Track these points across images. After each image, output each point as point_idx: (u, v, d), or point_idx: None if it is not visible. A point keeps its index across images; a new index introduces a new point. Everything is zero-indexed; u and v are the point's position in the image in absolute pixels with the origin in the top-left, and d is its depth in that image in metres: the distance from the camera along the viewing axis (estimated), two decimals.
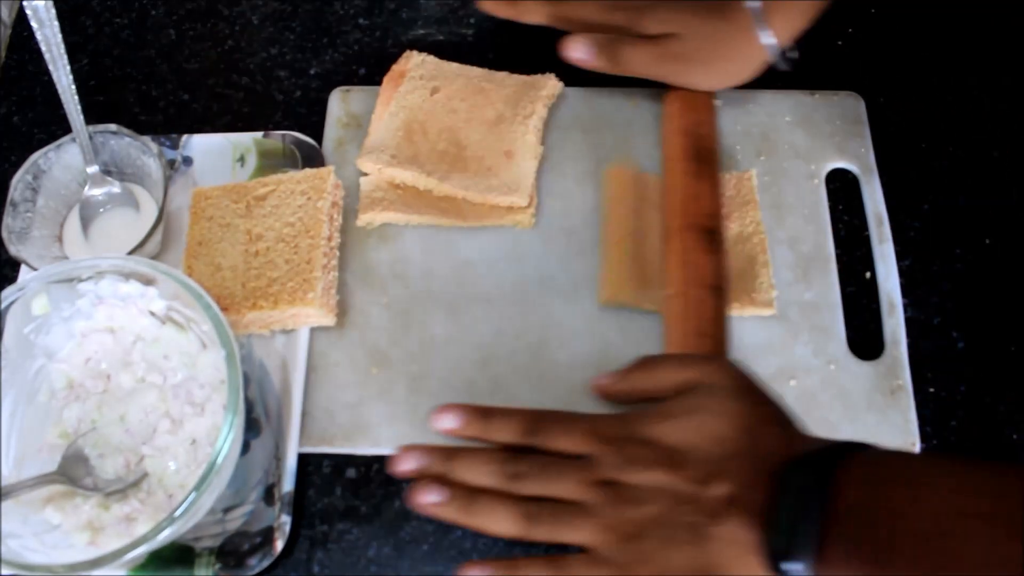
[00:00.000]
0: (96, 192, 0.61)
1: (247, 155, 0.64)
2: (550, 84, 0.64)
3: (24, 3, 0.58)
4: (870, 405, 0.55)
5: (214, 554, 0.52)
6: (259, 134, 0.64)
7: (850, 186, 0.62)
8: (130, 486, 0.52)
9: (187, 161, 0.64)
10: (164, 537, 0.47)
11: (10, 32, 0.72)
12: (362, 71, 0.69)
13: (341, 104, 0.66)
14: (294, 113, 0.67)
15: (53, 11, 0.57)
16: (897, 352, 0.56)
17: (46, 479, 0.51)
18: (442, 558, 0.53)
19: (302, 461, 0.55)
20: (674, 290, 0.56)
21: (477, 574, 0.46)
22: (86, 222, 0.61)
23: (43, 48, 0.57)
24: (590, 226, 0.61)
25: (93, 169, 0.61)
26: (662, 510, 0.44)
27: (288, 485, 0.53)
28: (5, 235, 0.57)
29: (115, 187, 0.61)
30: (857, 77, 0.65)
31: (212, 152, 0.64)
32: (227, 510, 0.53)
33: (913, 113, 0.65)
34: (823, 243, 0.60)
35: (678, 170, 0.60)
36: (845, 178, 0.62)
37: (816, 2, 0.58)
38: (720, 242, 0.57)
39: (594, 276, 0.59)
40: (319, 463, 0.56)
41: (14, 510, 0.50)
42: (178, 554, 0.52)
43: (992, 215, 0.61)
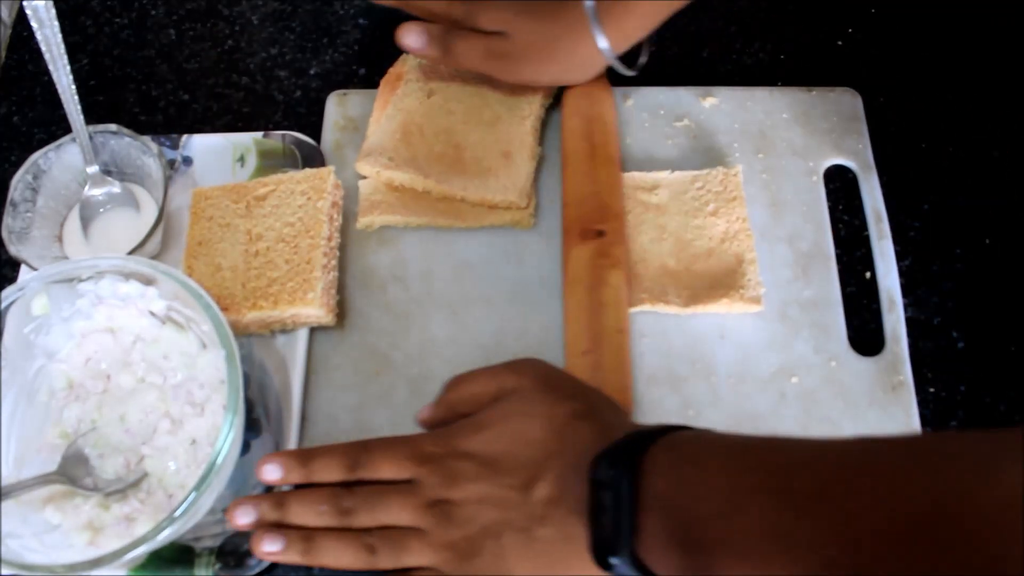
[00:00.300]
0: (96, 192, 0.61)
1: (247, 155, 0.64)
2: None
3: (24, 3, 0.58)
4: (872, 401, 0.55)
5: (214, 554, 0.52)
6: (259, 134, 0.64)
7: (849, 186, 0.62)
8: (130, 486, 0.52)
9: (187, 161, 0.64)
10: (164, 537, 0.47)
11: (10, 32, 0.72)
12: (362, 71, 0.69)
13: (338, 107, 0.66)
14: (294, 113, 0.67)
15: (53, 11, 0.57)
16: (898, 348, 0.56)
17: (46, 479, 0.51)
18: None
19: None
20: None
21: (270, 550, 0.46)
22: (86, 222, 0.61)
23: (43, 48, 0.57)
24: None
25: (93, 169, 0.61)
26: (491, 520, 0.44)
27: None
28: (5, 235, 0.57)
29: (115, 187, 0.61)
30: (857, 77, 0.65)
31: (212, 152, 0.64)
32: (227, 510, 0.53)
33: (913, 113, 0.65)
34: (822, 240, 0.60)
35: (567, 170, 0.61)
36: (844, 178, 0.62)
37: (657, 8, 0.58)
38: (608, 242, 0.57)
39: None
40: None
41: (14, 510, 0.50)
42: (178, 554, 0.52)
43: (992, 215, 0.61)
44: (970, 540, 0.30)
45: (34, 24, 0.57)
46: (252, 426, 0.55)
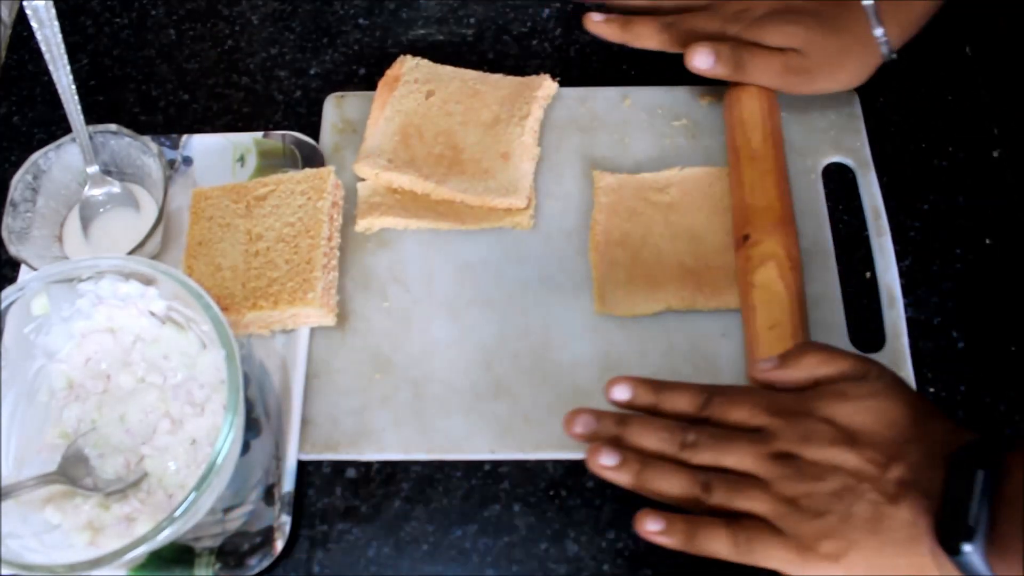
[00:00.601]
0: (96, 192, 0.61)
1: (247, 155, 0.64)
2: (545, 85, 0.64)
3: (24, 3, 0.58)
4: None
5: (214, 554, 0.52)
6: (259, 134, 0.64)
7: (848, 186, 0.62)
8: (130, 486, 0.52)
9: (187, 161, 0.64)
10: (164, 537, 0.47)
11: (10, 32, 0.72)
12: (362, 71, 0.69)
13: (336, 110, 0.66)
14: (294, 113, 0.67)
15: (53, 11, 0.57)
16: (898, 344, 0.56)
17: (46, 479, 0.51)
18: (442, 558, 0.53)
19: (302, 461, 0.55)
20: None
21: (653, 526, 0.46)
22: (86, 222, 0.61)
23: (43, 48, 0.57)
24: (589, 226, 0.61)
25: (93, 169, 0.61)
26: (843, 486, 0.44)
27: (288, 485, 0.53)
28: (5, 235, 0.57)
29: (115, 187, 0.61)
30: None
31: (212, 152, 0.64)
32: (227, 510, 0.53)
33: (913, 113, 0.65)
34: (822, 237, 0.60)
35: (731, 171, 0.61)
36: (844, 178, 0.62)
37: (930, 5, 0.59)
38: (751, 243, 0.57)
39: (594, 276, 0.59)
40: (319, 463, 0.56)
41: (14, 510, 0.50)
42: (178, 554, 0.52)
43: (992, 215, 0.61)
44: None
45: (34, 24, 0.57)
46: (252, 426, 0.55)
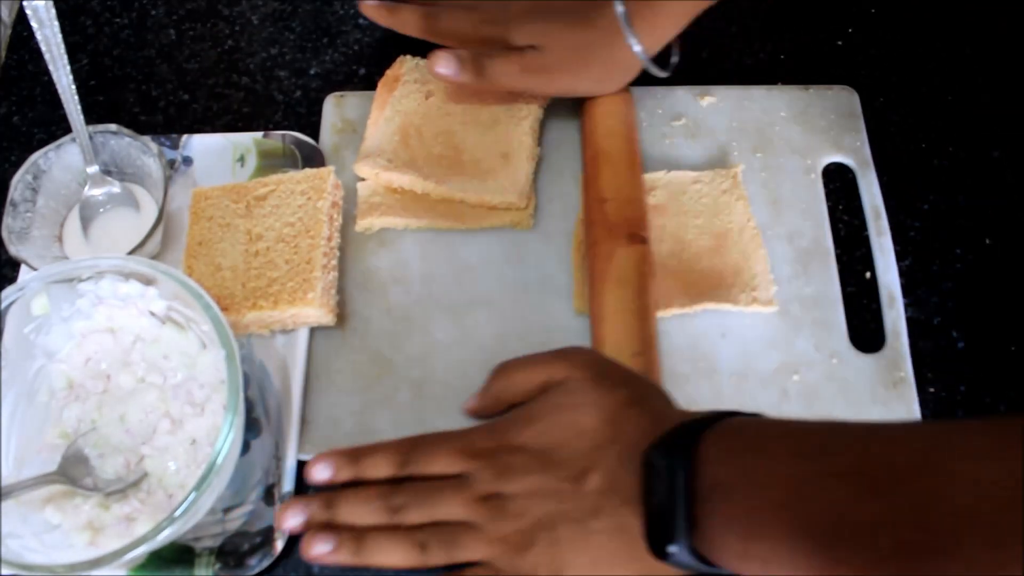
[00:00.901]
0: (96, 192, 0.61)
1: (247, 155, 0.64)
2: None
3: (24, 3, 0.58)
4: (873, 398, 0.55)
5: (214, 554, 0.52)
6: (259, 134, 0.64)
7: (848, 186, 0.62)
8: (130, 486, 0.52)
9: (187, 161, 0.64)
10: (164, 537, 0.47)
11: (10, 32, 0.72)
12: (362, 71, 0.69)
13: (336, 110, 0.66)
14: (294, 113, 0.67)
15: (53, 11, 0.57)
16: (898, 344, 0.56)
17: (46, 479, 0.51)
18: None
19: (302, 461, 0.55)
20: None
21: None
22: (86, 222, 0.61)
23: (43, 48, 0.57)
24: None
25: (93, 169, 0.61)
26: (544, 512, 0.44)
27: (288, 485, 0.53)
28: (5, 235, 0.57)
29: (115, 187, 0.61)
30: (857, 77, 0.65)
31: (212, 152, 0.64)
32: (227, 510, 0.53)
33: (913, 112, 0.65)
34: (822, 237, 0.60)
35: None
36: (844, 178, 0.62)
37: (687, 7, 0.58)
38: (648, 250, 0.57)
39: None
40: None
41: (14, 510, 0.50)
42: (178, 554, 0.52)
43: (992, 215, 0.61)
44: None
45: (34, 24, 0.57)
46: (252, 426, 0.55)
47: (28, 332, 0.54)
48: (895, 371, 0.56)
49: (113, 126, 0.61)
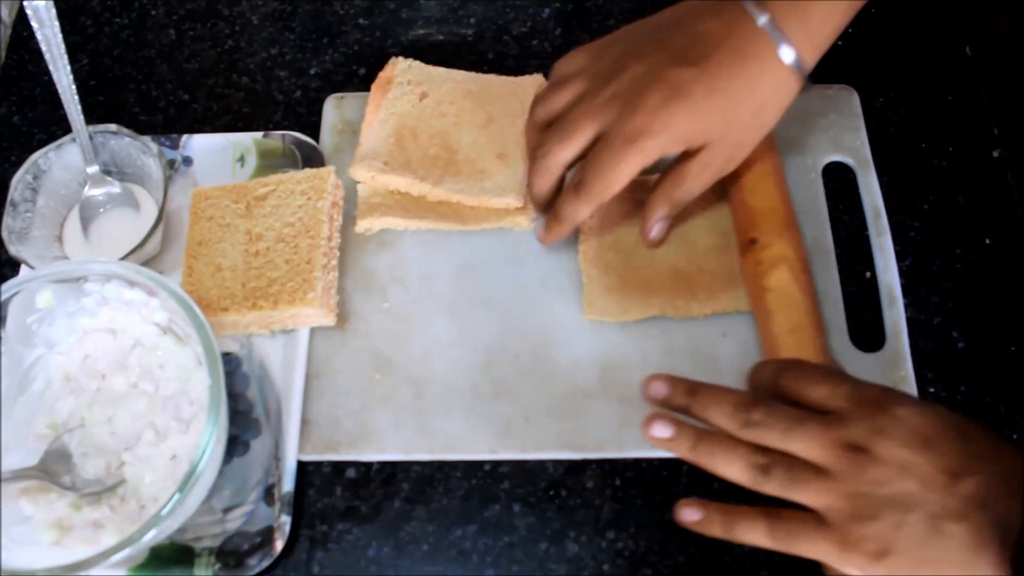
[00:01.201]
0: (96, 192, 0.61)
1: (247, 155, 0.64)
2: (538, 84, 0.64)
3: (24, 3, 0.58)
4: None
5: (214, 554, 0.52)
6: (259, 134, 0.64)
7: (848, 186, 0.62)
8: (106, 490, 0.52)
9: (187, 161, 0.64)
10: (124, 556, 0.47)
11: (10, 32, 0.72)
12: (362, 71, 0.69)
13: (336, 111, 0.66)
14: (294, 113, 0.67)
15: (53, 11, 0.57)
16: (898, 344, 0.56)
17: (25, 473, 0.51)
18: (442, 558, 0.53)
19: (302, 461, 0.55)
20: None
21: (691, 516, 0.45)
22: (86, 222, 0.61)
23: (43, 48, 0.57)
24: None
25: (93, 169, 0.61)
26: (906, 491, 0.41)
27: (288, 485, 0.53)
28: (5, 235, 0.57)
29: (115, 187, 0.61)
30: (857, 77, 0.65)
31: (212, 152, 0.64)
32: (227, 510, 0.53)
33: (913, 112, 0.65)
34: (822, 237, 0.60)
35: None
36: (844, 178, 0.62)
37: (845, 5, 0.52)
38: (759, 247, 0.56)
39: None
40: (319, 464, 0.56)
41: None
42: (178, 554, 0.52)
43: (992, 215, 0.61)
44: None
45: (34, 24, 0.57)
46: (252, 426, 0.55)
47: (31, 322, 0.54)
48: (895, 371, 0.56)
49: (113, 126, 0.61)
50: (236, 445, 0.55)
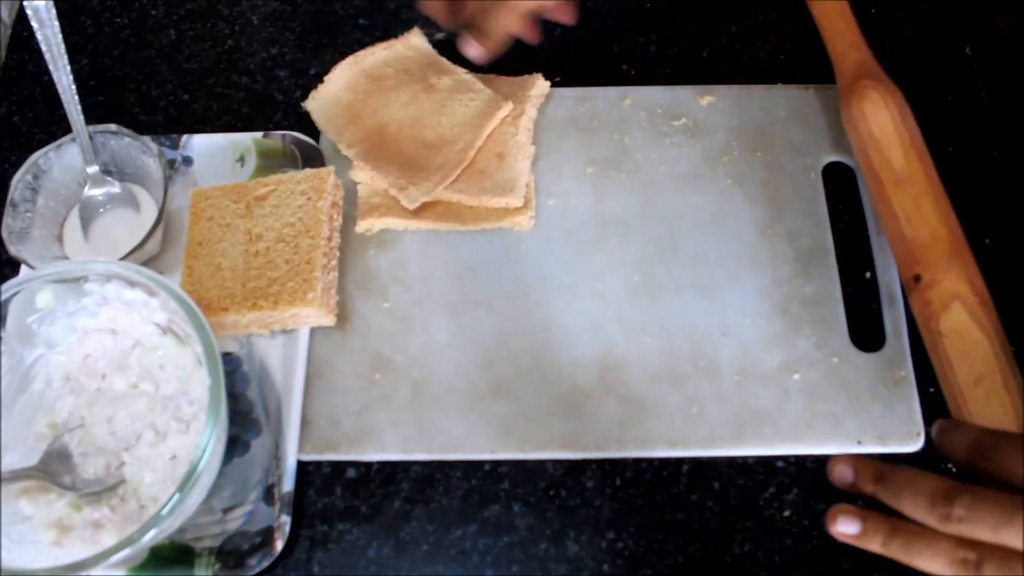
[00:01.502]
0: (96, 192, 0.61)
1: (247, 155, 0.64)
2: (538, 84, 0.64)
3: (24, 3, 0.58)
4: (874, 397, 0.55)
5: (214, 554, 0.52)
6: (259, 134, 0.64)
7: (849, 186, 0.62)
8: (106, 489, 0.52)
9: (187, 161, 0.64)
10: (124, 555, 0.47)
11: (10, 32, 0.72)
12: None
13: None
14: (294, 113, 0.67)
15: (53, 11, 0.57)
16: (899, 343, 0.56)
17: (24, 474, 0.51)
18: (442, 558, 0.53)
19: (302, 461, 0.55)
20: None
21: (848, 528, 0.41)
22: (86, 222, 0.61)
23: (43, 48, 0.57)
24: (589, 226, 0.61)
25: (93, 169, 0.61)
26: None
27: (288, 485, 0.53)
28: (5, 235, 0.57)
29: (115, 187, 0.61)
30: None
31: (212, 152, 0.64)
32: (227, 510, 0.53)
33: (913, 113, 0.65)
34: (822, 237, 0.60)
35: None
36: (844, 178, 0.62)
37: None
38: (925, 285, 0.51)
39: (595, 276, 0.59)
40: (319, 463, 0.56)
41: None
42: (178, 554, 0.52)
43: (992, 215, 0.61)
44: None
45: (34, 24, 0.57)
46: (252, 426, 0.55)
47: (31, 322, 0.54)
48: (896, 370, 0.56)
49: (113, 126, 0.61)
50: (236, 445, 0.55)
